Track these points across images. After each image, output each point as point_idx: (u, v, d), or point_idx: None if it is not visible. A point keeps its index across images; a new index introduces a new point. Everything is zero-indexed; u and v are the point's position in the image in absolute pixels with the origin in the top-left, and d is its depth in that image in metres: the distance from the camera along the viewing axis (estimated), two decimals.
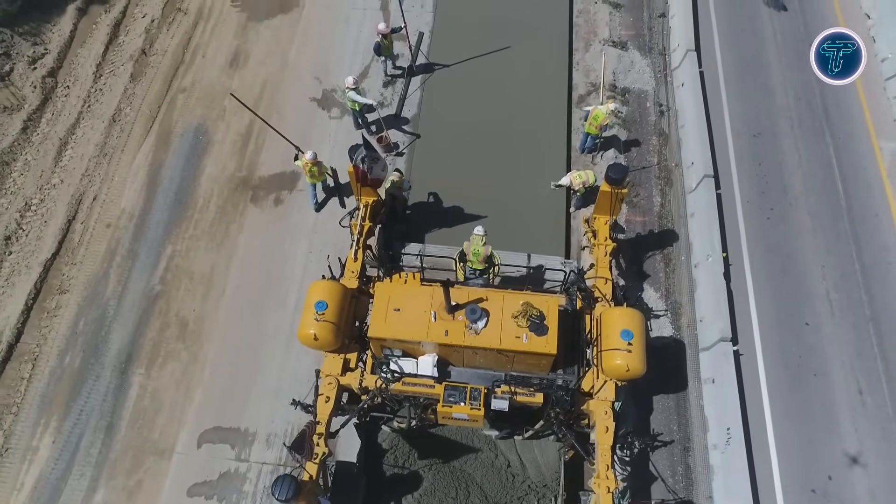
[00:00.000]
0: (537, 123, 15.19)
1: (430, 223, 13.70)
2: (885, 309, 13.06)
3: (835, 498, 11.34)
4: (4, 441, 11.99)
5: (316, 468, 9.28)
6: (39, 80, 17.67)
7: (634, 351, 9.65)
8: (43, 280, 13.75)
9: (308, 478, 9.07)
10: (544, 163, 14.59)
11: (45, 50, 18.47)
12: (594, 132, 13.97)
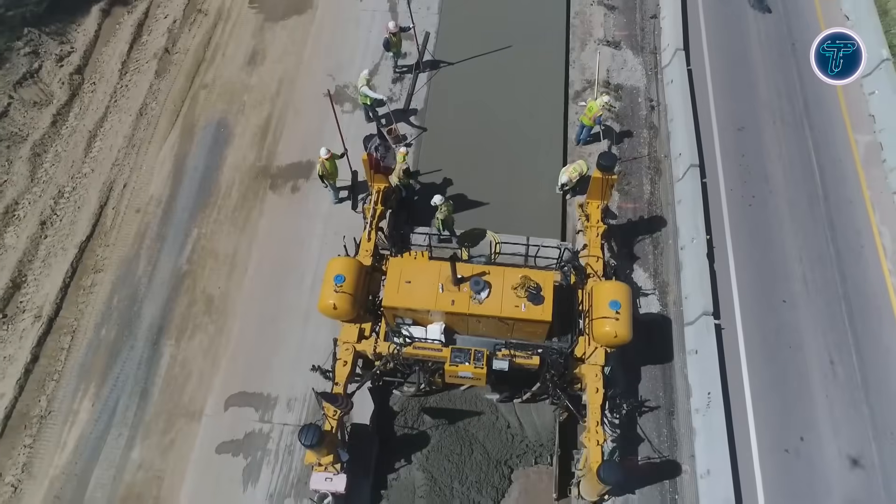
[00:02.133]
0: (536, 117, 16.28)
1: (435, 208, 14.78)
2: (857, 288, 14.14)
3: (806, 457, 12.41)
4: (48, 405, 13.11)
5: (336, 422, 10.41)
6: (67, 76, 18.78)
7: (622, 319, 10.77)
8: (78, 260, 14.86)
9: (329, 428, 10.19)
10: (542, 154, 15.68)
11: (71, 48, 19.58)
12: (589, 123, 15.05)
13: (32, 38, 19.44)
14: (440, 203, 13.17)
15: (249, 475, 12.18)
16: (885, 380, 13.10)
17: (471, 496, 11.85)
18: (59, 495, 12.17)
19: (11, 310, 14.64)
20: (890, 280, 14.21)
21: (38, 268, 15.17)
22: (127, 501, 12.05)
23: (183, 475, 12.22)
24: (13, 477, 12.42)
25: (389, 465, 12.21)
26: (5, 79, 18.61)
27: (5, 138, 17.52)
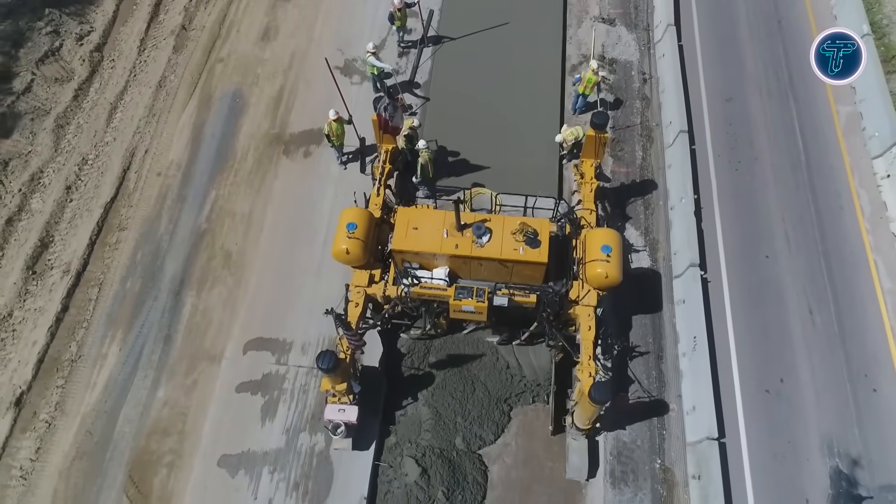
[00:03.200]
0: (534, 88, 17.18)
1: (440, 173, 15.66)
2: (835, 245, 15.05)
3: (785, 397, 13.32)
4: (77, 350, 14.03)
5: (350, 353, 11.33)
6: (87, 54, 19.70)
7: (612, 261, 11.69)
8: (104, 220, 15.79)
9: (343, 356, 11.10)
10: (540, 122, 16.56)
11: (90, 28, 20.49)
12: (588, 93, 15.97)
13: (53, 18, 20.33)
14: (422, 148, 13.99)
15: (267, 412, 13.11)
16: (859, 328, 14.00)
17: (473, 430, 12.76)
18: (91, 430, 13.09)
19: (40, 267, 15.56)
20: (867, 238, 15.11)
21: (65, 229, 16.09)
22: (154, 435, 12.97)
23: (205, 412, 13.14)
24: (47, 414, 13.35)
25: (397, 403, 13.12)
26: (28, 57, 19.54)
27: (29, 112, 18.43)
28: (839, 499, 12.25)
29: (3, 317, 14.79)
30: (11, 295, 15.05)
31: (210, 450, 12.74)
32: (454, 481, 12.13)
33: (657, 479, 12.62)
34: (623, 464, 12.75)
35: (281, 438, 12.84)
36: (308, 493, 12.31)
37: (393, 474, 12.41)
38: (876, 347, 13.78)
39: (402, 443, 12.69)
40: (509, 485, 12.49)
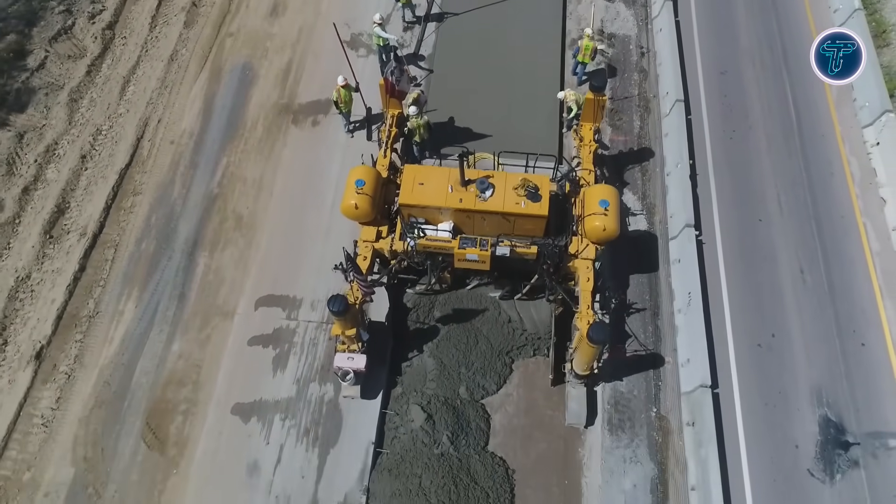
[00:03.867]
0: (535, 61, 17.72)
1: (445, 142, 16.14)
2: (826, 209, 15.57)
3: (776, 351, 13.84)
4: (95, 307, 14.57)
5: (360, 297, 11.86)
6: (99, 32, 20.21)
7: (610, 215, 12.22)
8: (118, 186, 16.33)
9: (353, 301, 11.63)
10: (540, 92, 17.07)
11: (102, 7, 21.01)
12: (587, 60, 16.50)
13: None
14: (413, 115, 14.47)
15: (278, 363, 13.64)
16: (848, 287, 14.52)
17: (476, 380, 13.29)
18: (109, 381, 13.63)
19: (57, 231, 16.08)
20: (857, 202, 15.63)
21: (80, 195, 16.62)
22: (169, 385, 13.51)
23: (219, 364, 13.68)
24: (67, 367, 13.89)
25: (403, 356, 13.65)
26: (41, 35, 20.08)
27: (43, 87, 18.96)
28: (827, 444, 12.77)
29: (22, 278, 15.31)
30: (29, 258, 15.57)
31: (224, 398, 13.28)
32: (458, 427, 12.65)
33: (653, 427, 13.15)
34: (620, 412, 13.28)
35: (292, 388, 13.37)
36: (318, 439, 12.85)
37: (399, 421, 12.94)
38: (864, 305, 14.29)
39: (407, 392, 13.22)
40: (511, 431, 13.02)
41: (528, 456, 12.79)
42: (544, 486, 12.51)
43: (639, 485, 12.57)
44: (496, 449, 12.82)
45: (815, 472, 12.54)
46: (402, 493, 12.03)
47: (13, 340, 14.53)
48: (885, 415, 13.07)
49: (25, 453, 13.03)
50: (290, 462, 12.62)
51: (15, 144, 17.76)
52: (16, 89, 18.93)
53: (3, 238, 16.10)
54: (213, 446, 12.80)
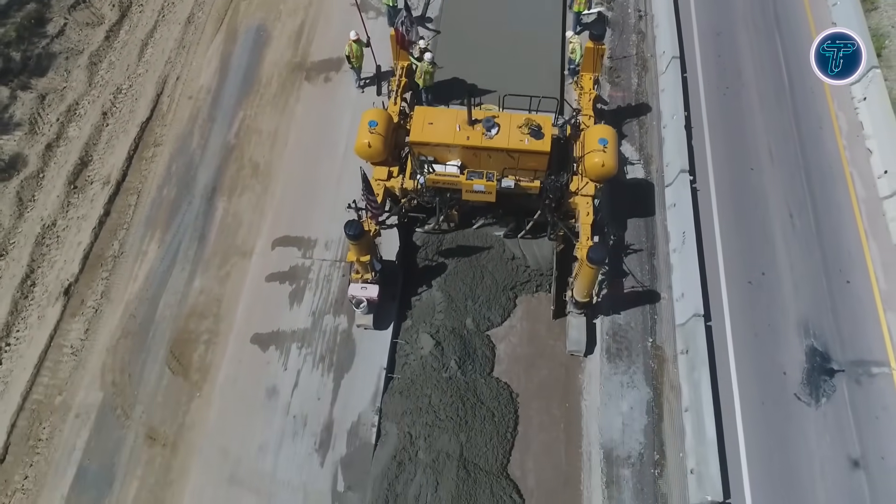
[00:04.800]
0: (536, 21, 18.44)
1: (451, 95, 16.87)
2: (815, 159, 16.33)
3: (766, 288, 14.60)
4: (120, 248, 15.36)
5: (375, 227, 12.64)
6: (116, 0, 20.99)
7: (608, 152, 12.99)
8: (140, 138, 17.12)
9: (367, 229, 12.40)
10: (542, 49, 17.79)
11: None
12: (582, 9, 17.33)
13: None
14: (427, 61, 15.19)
15: (294, 298, 14.43)
16: (835, 230, 15.28)
17: (482, 312, 14.06)
18: (134, 314, 14.42)
19: (81, 182, 16.87)
20: (844, 153, 16.39)
21: (103, 148, 17.41)
22: (191, 317, 14.29)
23: (238, 298, 14.47)
24: (94, 302, 14.68)
25: (413, 292, 14.41)
26: (59, 4, 20.84)
27: (63, 52, 19.74)
28: (813, 372, 13.53)
29: (48, 226, 16.09)
30: (55, 207, 16.35)
31: (243, 329, 14.06)
32: (465, 353, 13.42)
33: (649, 355, 13.92)
34: (618, 342, 14.06)
35: (308, 320, 14.15)
36: (333, 365, 13.63)
37: (409, 349, 13.72)
38: (850, 246, 15.05)
39: (417, 324, 13.99)
40: (514, 359, 13.79)
41: (531, 381, 13.56)
42: (546, 408, 13.28)
43: (635, 407, 13.34)
44: (501, 375, 13.60)
45: (802, 396, 13.31)
46: (412, 411, 12.80)
47: (41, 282, 15.32)
48: (868, 345, 13.84)
49: (56, 379, 13.82)
50: (306, 386, 13.40)
51: (37, 105, 18.52)
52: (36, 55, 19.71)
53: (29, 191, 16.88)
54: (234, 372, 13.58)
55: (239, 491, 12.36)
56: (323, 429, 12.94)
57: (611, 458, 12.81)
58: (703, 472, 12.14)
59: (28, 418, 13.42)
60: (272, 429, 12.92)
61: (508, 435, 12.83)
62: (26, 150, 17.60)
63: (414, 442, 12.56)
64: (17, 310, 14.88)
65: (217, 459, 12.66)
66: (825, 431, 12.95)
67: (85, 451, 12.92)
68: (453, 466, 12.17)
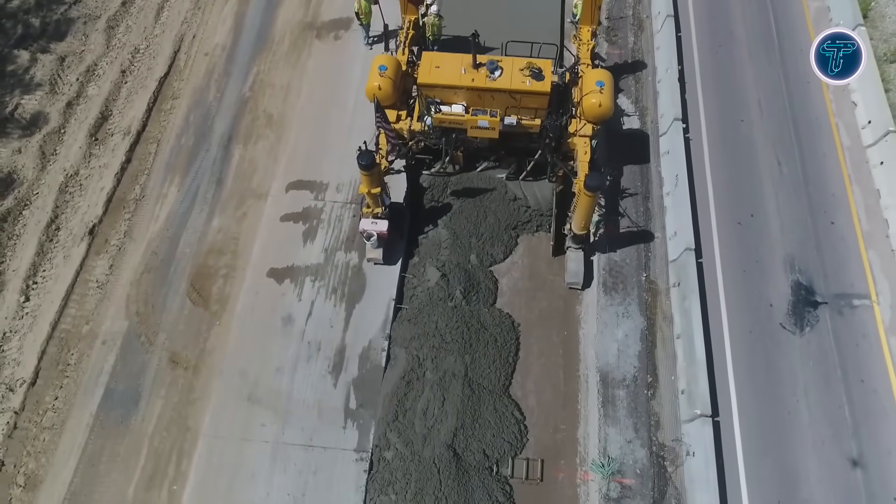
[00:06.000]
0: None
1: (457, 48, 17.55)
2: (802, 111, 17.14)
3: (755, 228, 15.42)
4: (141, 191, 16.16)
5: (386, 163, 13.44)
6: None
7: (605, 93, 13.77)
8: (158, 92, 17.91)
9: (378, 160, 13.19)
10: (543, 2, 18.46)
11: None
12: None
13: None
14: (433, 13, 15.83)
15: (308, 236, 15.23)
16: (821, 176, 16.11)
17: (485, 249, 14.86)
18: (156, 251, 15.22)
19: (101, 134, 17.65)
20: (830, 106, 17.20)
21: (122, 104, 18.19)
22: (210, 254, 15.10)
23: (254, 236, 15.27)
24: (117, 240, 15.48)
25: (420, 231, 15.21)
26: None
27: (81, 17, 20.51)
28: (798, 304, 14.36)
29: (71, 175, 16.87)
30: (77, 158, 17.13)
31: (259, 264, 14.86)
32: (469, 285, 14.23)
33: (643, 288, 14.73)
34: (614, 277, 14.87)
35: (321, 255, 14.96)
36: (345, 297, 14.44)
37: (416, 281, 14.53)
38: (835, 190, 15.88)
39: (424, 259, 14.79)
40: (516, 292, 14.60)
41: (531, 312, 14.37)
42: (546, 335, 14.09)
43: (630, 335, 14.15)
44: (503, 307, 14.40)
45: (787, 326, 14.13)
46: (420, 335, 13.60)
47: (65, 226, 16.10)
48: (850, 279, 14.66)
49: (83, 310, 14.62)
50: (320, 314, 14.21)
51: (57, 67, 19.28)
52: (55, 20, 20.49)
53: (51, 146, 17.65)
54: (251, 302, 14.38)
55: (257, 409, 13.17)
56: (336, 353, 13.74)
57: (606, 380, 13.62)
58: (693, 390, 12.96)
59: (57, 345, 14.21)
60: (288, 353, 13.73)
61: (510, 359, 13.63)
62: (47, 108, 18.36)
63: (422, 363, 13.37)
64: (43, 251, 15.66)
65: (236, 380, 13.47)
66: (808, 357, 13.77)
67: (112, 375, 13.72)
68: (458, 384, 12.97)
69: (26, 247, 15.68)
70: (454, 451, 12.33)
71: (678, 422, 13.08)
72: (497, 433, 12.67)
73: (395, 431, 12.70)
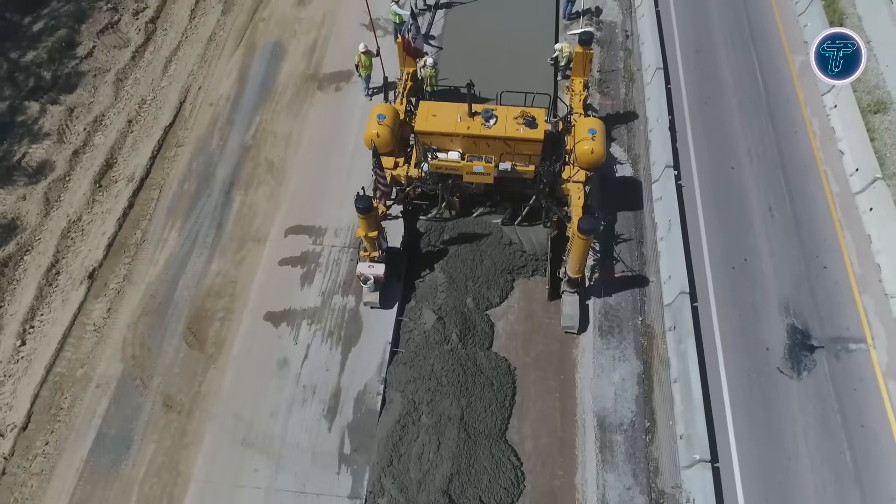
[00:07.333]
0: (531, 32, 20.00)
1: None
2: (791, 159, 17.55)
3: (748, 272, 15.56)
4: (142, 235, 16.39)
5: (383, 207, 13.71)
6: (143, 25, 22.59)
7: (597, 140, 14.18)
8: (163, 140, 18.38)
9: (375, 205, 13.45)
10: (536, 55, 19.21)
11: (145, 5, 23.49)
12: None
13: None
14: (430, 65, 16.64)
15: (305, 279, 15.36)
16: (812, 221, 16.35)
17: (481, 292, 14.97)
18: (154, 294, 15.32)
19: (106, 181, 18.02)
20: (818, 154, 17.62)
21: (128, 152, 18.62)
22: (208, 297, 15.19)
23: (252, 280, 15.40)
24: (116, 284, 15.60)
25: (417, 275, 15.36)
26: (89, 29, 22.46)
27: (91, 71, 21.22)
28: (794, 347, 14.36)
29: (74, 220, 17.13)
30: (81, 204, 17.43)
31: (257, 307, 14.94)
32: (466, 328, 14.27)
33: (639, 332, 14.75)
34: (610, 320, 14.91)
35: (318, 299, 15.05)
36: (341, 340, 14.45)
37: (413, 325, 14.57)
38: (826, 235, 16.09)
39: (420, 303, 14.88)
40: (512, 335, 14.63)
41: (528, 355, 14.36)
42: (542, 379, 14.04)
43: (627, 378, 14.09)
44: (499, 350, 14.40)
45: (784, 370, 14.10)
46: (415, 379, 13.55)
47: (65, 271, 16.25)
48: (845, 323, 14.70)
49: (79, 354, 14.61)
50: (316, 358, 14.19)
51: (65, 117, 19.84)
52: (66, 73, 21.19)
53: (55, 192, 17.99)
54: (248, 345, 14.39)
55: (250, 452, 13.01)
56: (331, 396, 13.67)
57: (604, 424, 13.49)
58: (692, 434, 12.83)
59: (51, 389, 14.13)
60: (283, 396, 13.65)
61: (507, 402, 13.55)
62: (54, 157, 18.79)
63: (417, 407, 13.27)
64: (42, 295, 15.74)
65: (230, 424, 13.35)
66: (807, 401, 13.69)
67: (104, 418, 13.60)
68: (454, 429, 12.84)
69: (25, 291, 15.78)
70: (450, 498, 12.11)
71: (677, 467, 12.89)
72: (493, 479, 12.47)
73: (389, 477, 12.51)
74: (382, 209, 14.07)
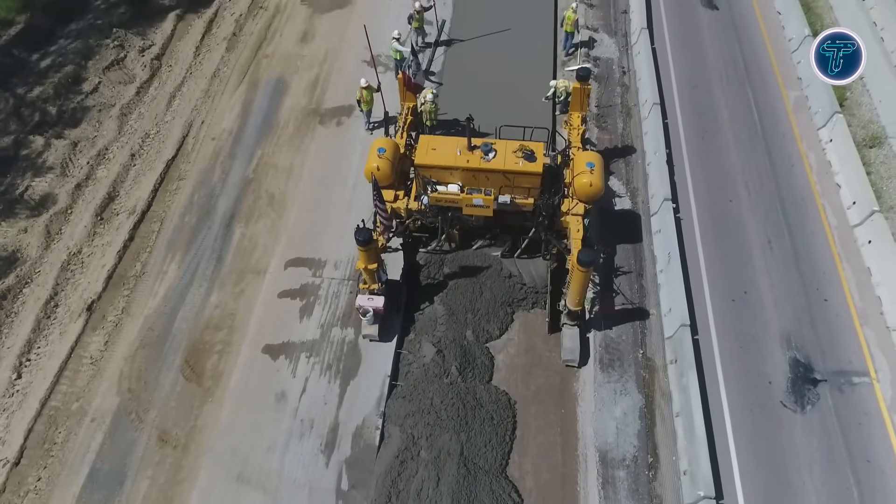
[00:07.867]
0: (530, 67, 20.37)
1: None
2: (789, 193, 17.66)
3: (749, 305, 15.51)
4: (142, 268, 16.39)
5: (383, 240, 13.75)
6: (148, 62, 23.03)
7: (595, 173, 14.30)
8: (165, 173, 18.54)
9: (376, 237, 13.49)
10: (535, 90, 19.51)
11: (151, 43, 23.97)
12: (570, 30, 19.76)
13: (119, 36, 23.74)
14: (430, 101, 17.00)
15: (304, 312, 15.31)
16: (811, 254, 16.37)
17: (481, 325, 14.89)
18: (153, 327, 15.24)
19: (107, 214, 18.12)
20: (815, 187, 17.75)
21: (129, 185, 18.78)
22: (207, 330, 15.11)
23: (251, 312, 15.34)
24: (114, 316, 15.54)
25: (416, 307, 15.31)
26: (96, 66, 22.88)
27: (96, 106, 21.55)
28: (797, 381, 14.23)
29: (74, 253, 17.17)
30: (81, 236, 17.50)
31: (255, 340, 14.85)
32: (465, 361, 14.15)
33: (640, 365, 14.63)
34: (610, 353, 14.80)
35: (316, 331, 14.97)
36: (339, 373, 14.32)
37: (412, 358, 14.46)
38: (826, 268, 16.10)
39: (420, 335, 14.79)
40: (512, 368, 14.50)
41: (528, 388, 14.21)
42: (543, 413, 13.86)
43: (628, 412, 13.92)
44: (499, 383, 14.25)
45: (788, 404, 13.94)
46: (415, 412, 13.38)
47: (64, 303, 16.22)
48: (848, 356, 14.60)
49: (75, 387, 14.47)
50: (314, 391, 14.04)
51: (69, 151, 20.07)
52: (71, 108, 21.52)
53: (56, 225, 18.08)
54: (245, 378, 14.25)
55: (246, 489, 12.76)
56: (329, 431, 13.48)
57: (606, 459, 13.27)
58: (695, 470, 12.60)
59: (45, 423, 13.95)
60: (280, 430, 13.46)
61: (507, 437, 13.35)
62: (56, 190, 18.94)
63: (416, 442, 13.07)
64: (40, 328, 15.68)
65: (226, 459, 13.13)
66: (812, 436, 13.50)
67: (98, 453, 13.39)
68: (454, 464, 12.63)
69: (23, 324, 15.72)
70: None
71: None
72: None
73: None
74: (382, 241, 14.10)
